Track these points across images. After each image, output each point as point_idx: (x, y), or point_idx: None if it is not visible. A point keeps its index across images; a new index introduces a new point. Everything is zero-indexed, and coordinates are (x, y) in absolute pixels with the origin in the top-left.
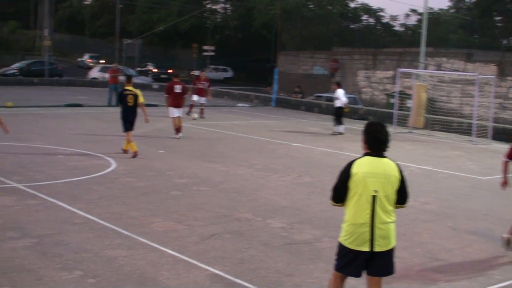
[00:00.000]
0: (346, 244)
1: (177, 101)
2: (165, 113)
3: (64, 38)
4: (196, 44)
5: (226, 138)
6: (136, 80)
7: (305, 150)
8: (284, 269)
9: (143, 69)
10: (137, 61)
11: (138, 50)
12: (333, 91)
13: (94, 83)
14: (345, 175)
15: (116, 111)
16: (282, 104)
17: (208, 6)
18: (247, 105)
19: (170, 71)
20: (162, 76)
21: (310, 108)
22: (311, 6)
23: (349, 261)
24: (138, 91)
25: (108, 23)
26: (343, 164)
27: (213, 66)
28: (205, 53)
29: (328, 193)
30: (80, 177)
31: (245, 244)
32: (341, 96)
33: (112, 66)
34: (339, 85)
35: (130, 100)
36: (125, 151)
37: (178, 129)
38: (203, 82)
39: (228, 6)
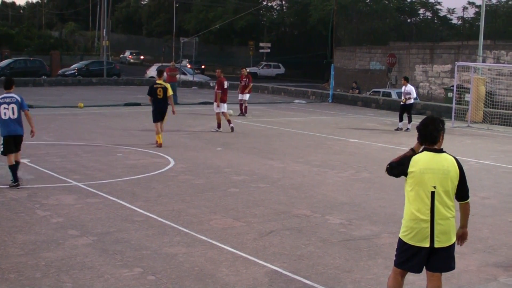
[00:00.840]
0: (406, 240)
1: (225, 96)
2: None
3: (121, 38)
4: (252, 42)
5: (283, 135)
6: (194, 78)
7: (362, 146)
8: (342, 265)
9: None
10: (194, 60)
11: (195, 49)
12: (402, 86)
13: (152, 82)
14: (403, 169)
15: (177, 109)
16: (339, 100)
17: (264, 3)
18: (304, 102)
19: (203, 66)
20: (196, 71)
21: (367, 103)
22: (368, 1)
23: (409, 257)
24: (167, 85)
25: (165, 22)
26: None
27: (264, 63)
28: (261, 50)
29: (387, 188)
30: (139, 175)
31: (304, 241)
32: (412, 92)
33: (169, 64)
34: (407, 80)
35: (159, 93)
36: (159, 144)
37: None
38: (244, 79)
39: (284, 2)
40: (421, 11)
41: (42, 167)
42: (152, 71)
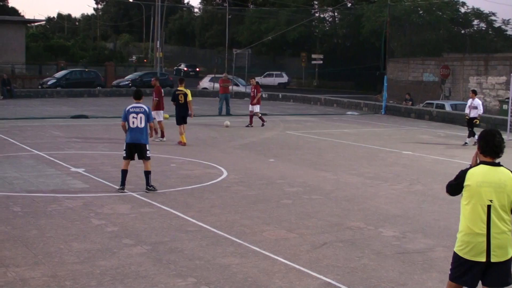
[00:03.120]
0: (462, 254)
1: (162, 104)
2: (275, 122)
3: (174, 49)
4: (304, 53)
5: (336, 147)
6: (247, 89)
7: (416, 158)
8: (397, 278)
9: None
10: (246, 71)
11: (248, 60)
12: (469, 100)
13: (205, 93)
14: (459, 183)
15: (229, 120)
16: (392, 111)
17: (317, 14)
18: (356, 113)
19: (198, 69)
20: (191, 73)
21: (420, 115)
22: (421, 12)
23: (464, 271)
24: (187, 91)
25: (218, 34)
26: (454, 173)
27: (267, 72)
28: (313, 62)
29: (440, 201)
30: (192, 186)
31: (357, 253)
32: (480, 106)
33: (222, 76)
34: (475, 94)
35: (181, 99)
36: (183, 143)
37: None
38: (253, 90)
39: (336, 14)
40: (475, 22)
41: (97, 176)
42: (205, 83)
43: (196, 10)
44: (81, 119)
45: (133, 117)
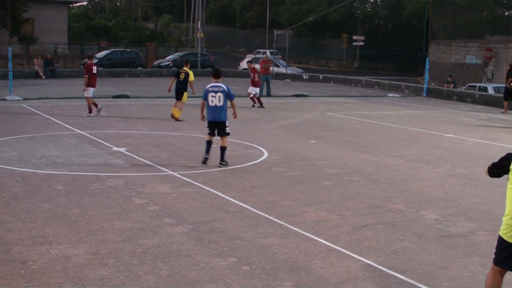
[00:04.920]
0: (506, 237)
1: (94, 81)
2: (315, 103)
3: (215, 30)
4: (345, 34)
5: (377, 128)
6: (288, 70)
7: (457, 141)
8: (438, 261)
9: None
10: (287, 52)
11: (288, 41)
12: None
13: (245, 73)
14: (504, 166)
15: (270, 101)
16: (433, 94)
17: None
18: (397, 95)
19: None
20: None
21: (462, 98)
22: None
23: (509, 255)
24: (190, 71)
25: (258, 15)
26: (497, 156)
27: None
28: (354, 43)
29: (483, 185)
30: (233, 166)
31: (398, 236)
32: None
33: (262, 57)
34: None
35: (181, 76)
36: (176, 119)
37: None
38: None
39: None
40: None
41: (139, 156)
42: (245, 63)
43: None
44: (123, 99)
45: (212, 96)
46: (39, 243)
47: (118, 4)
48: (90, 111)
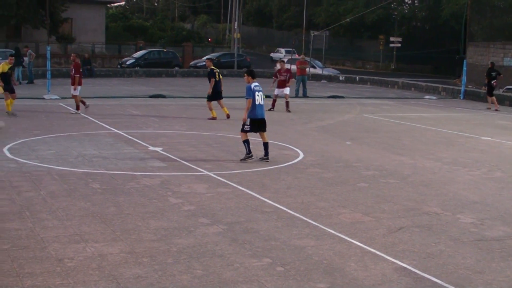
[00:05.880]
0: None
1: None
2: (351, 105)
3: (252, 30)
4: (382, 36)
5: (413, 130)
6: (324, 72)
7: (495, 144)
8: (474, 266)
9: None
10: (324, 53)
11: (325, 42)
12: None
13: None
14: None
15: (305, 102)
16: (471, 96)
17: None
18: (434, 98)
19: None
20: None
21: (500, 101)
22: None
23: None
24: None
25: (295, 15)
26: None
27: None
28: (391, 45)
29: None
30: (268, 167)
31: (434, 239)
32: None
33: (299, 58)
34: None
35: (219, 76)
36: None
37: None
38: (284, 73)
39: None
40: None
41: (175, 155)
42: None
43: None
44: (159, 99)
45: (257, 95)
46: (75, 241)
47: (156, 4)
48: (78, 108)
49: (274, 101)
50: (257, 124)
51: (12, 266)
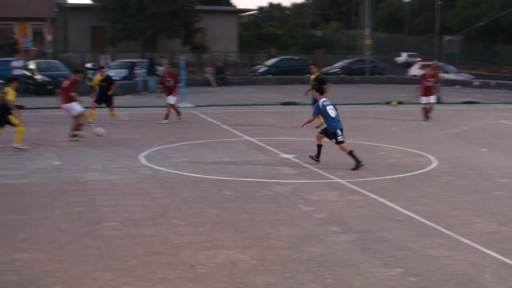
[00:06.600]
0: None
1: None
2: (486, 111)
3: (383, 36)
4: None
5: None
6: (456, 77)
7: None
8: None
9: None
10: (457, 58)
11: (458, 47)
12: None
13: (414, 80)
14: None
15: (440, 108)
16: None
17: None
18: None
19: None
20: None
21: None
22: None
23: None
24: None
25: (427, 20)
26: None
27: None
28: None
29: None
30: (401, 174)
31: None
32: None
33: (432, 63)
34: None
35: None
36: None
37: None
38: (430, 79)
39: None
40: None
41: (306, 163)
42: (414, 70)
43: None
44: (291, 106)
45: (329, 109)
46: (207, 247)
47: (287, 12)
48: (167, 117)
49: (425, 111)
50: (333, 134)
51: (145, 271)
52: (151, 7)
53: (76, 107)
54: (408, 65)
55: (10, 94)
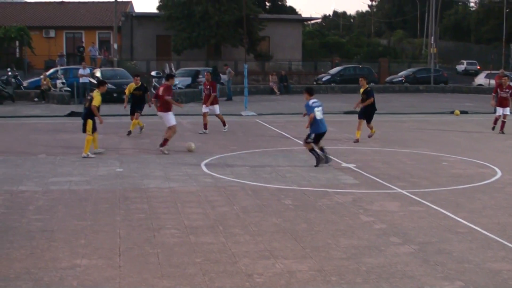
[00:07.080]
0: None
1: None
2: None
3: (449, 45)
4: None
5: None
6: None
7: None
8: None
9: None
10: None
11: None
12: None
13: (480, 89)
14: None
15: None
16: None
17: None
18: None
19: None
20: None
21: None
22: None
23: None
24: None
25: (494, 29)
26: None
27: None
28: None
29: None
30: (464, 185)
31: None
32: None
33: (498, 72)
34: None
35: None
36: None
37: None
38: (506, 90)
39: None
40: None
41: (368, 172)
42: (480, 79)
43: (472, 4)
44: (353, 115)
45: (317, 111)
46: (265, 256)
47: (352, 20)
48: (224, 124)
49: (497, 120)
50: (319, 137)
51: (203, 279)
52: (215, 15)
53: (170, 118)
54: (467, 73)
55: (96, 99)
